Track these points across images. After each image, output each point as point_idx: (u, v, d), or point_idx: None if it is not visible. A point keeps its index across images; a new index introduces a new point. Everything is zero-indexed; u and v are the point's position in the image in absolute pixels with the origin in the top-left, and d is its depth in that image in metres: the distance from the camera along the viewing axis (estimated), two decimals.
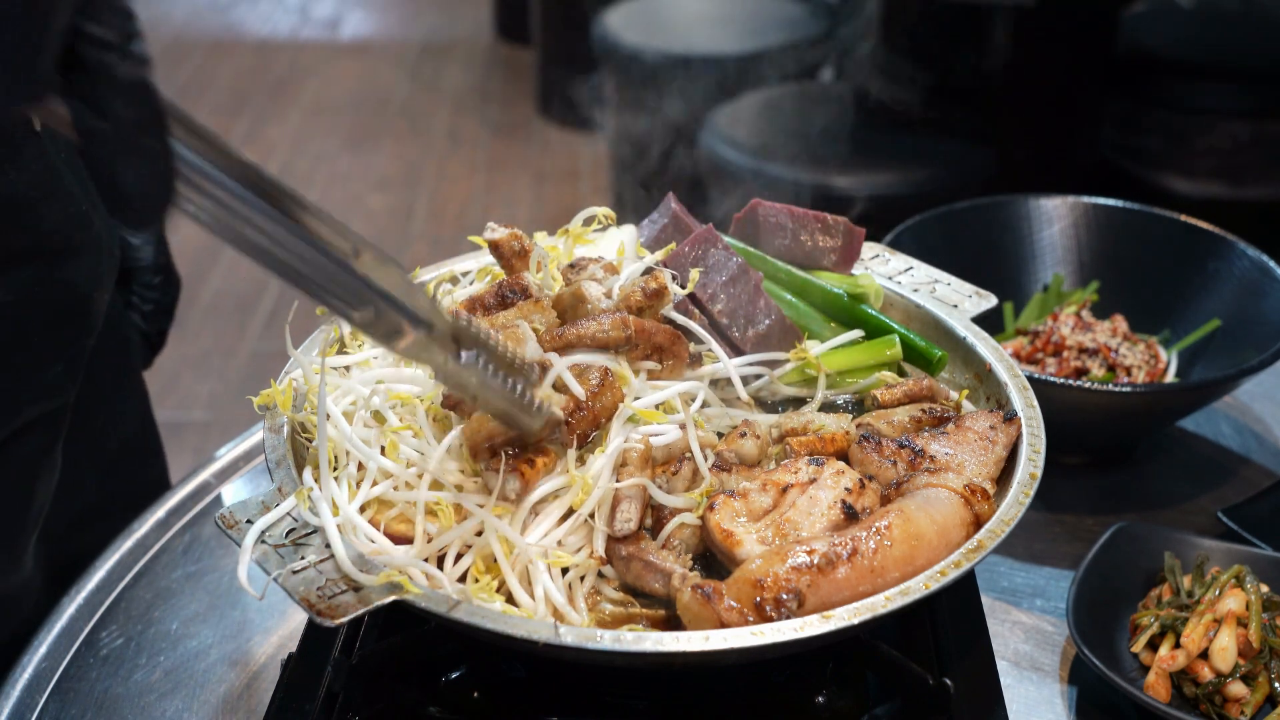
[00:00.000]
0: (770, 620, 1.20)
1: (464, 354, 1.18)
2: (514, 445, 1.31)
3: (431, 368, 1.18)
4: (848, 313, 1.69)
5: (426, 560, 1.29)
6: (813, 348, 1.61)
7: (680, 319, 1.53)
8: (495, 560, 1.29)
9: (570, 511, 1.32)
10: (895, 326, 1.66)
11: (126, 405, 2.02)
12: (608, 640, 1.17)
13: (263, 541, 1.25)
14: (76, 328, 1.77)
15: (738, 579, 1.24)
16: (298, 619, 1.68)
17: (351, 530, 1.29)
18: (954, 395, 1.60)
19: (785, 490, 1.36)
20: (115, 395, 1.97)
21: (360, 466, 1.36)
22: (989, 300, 1.74)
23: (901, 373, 1.66)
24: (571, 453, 1.35)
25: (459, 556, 1.31)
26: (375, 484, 1.34)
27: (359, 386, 1.42)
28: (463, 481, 1.33)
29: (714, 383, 1.53)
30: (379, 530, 1.32)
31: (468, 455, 1.34)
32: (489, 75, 7.43)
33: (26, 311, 1.66)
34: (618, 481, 1.32)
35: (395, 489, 1.34)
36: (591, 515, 1.32)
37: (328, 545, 1.24)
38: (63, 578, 1.81)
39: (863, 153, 4.06)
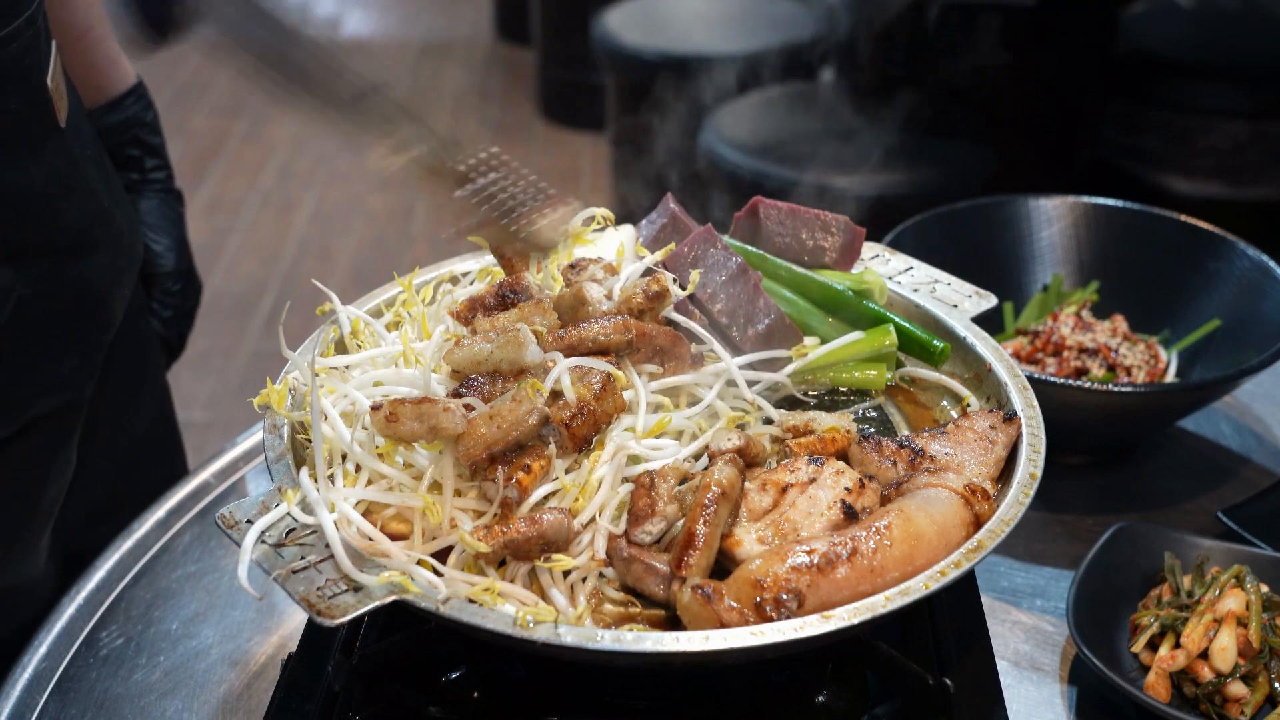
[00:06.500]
0: (770, 620, 1.20)
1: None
2: (510, 452, 1.31)
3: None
4: (851, 309, 1.68)
5: (432, 556, 1.29)
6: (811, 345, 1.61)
7: (681, 320, 1.53)
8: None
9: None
10: (899, 321, 1.66)
11: (143, 405, 2.02)
12: (608, 640, 1.17)
13: (263, 541, 1.25)
14: (92, 324, 1.76)
15: (738, 579, 1.24)
16: (298, 619, 1.68)
17: (350, 528, 1.29)
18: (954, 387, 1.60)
19: (785, 490, 1.36)
20: (132, 394, 1.97)
21: (359, 467, 1.35)
22: (989, 300, 1.73)
23: (900, 364, 1.66)
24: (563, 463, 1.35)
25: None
26: (370, 484, 1.33)
27: (356, 390, 1.42)
28: (460, 485, 1.33)
29: None
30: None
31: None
32: (489, 75, 7.42)
33: (42, 305, 1.66)
34: (651, 512, 1.31)
35: (392, 489, 1.33)
36: (592, 519, 1.32)
37: (327, 545, 1.24)
38: (74, 574, 1.80)
39: (863, 153, 4.05)
